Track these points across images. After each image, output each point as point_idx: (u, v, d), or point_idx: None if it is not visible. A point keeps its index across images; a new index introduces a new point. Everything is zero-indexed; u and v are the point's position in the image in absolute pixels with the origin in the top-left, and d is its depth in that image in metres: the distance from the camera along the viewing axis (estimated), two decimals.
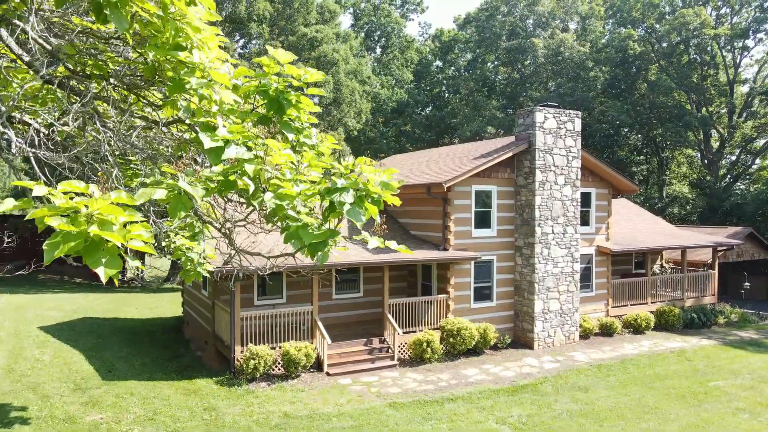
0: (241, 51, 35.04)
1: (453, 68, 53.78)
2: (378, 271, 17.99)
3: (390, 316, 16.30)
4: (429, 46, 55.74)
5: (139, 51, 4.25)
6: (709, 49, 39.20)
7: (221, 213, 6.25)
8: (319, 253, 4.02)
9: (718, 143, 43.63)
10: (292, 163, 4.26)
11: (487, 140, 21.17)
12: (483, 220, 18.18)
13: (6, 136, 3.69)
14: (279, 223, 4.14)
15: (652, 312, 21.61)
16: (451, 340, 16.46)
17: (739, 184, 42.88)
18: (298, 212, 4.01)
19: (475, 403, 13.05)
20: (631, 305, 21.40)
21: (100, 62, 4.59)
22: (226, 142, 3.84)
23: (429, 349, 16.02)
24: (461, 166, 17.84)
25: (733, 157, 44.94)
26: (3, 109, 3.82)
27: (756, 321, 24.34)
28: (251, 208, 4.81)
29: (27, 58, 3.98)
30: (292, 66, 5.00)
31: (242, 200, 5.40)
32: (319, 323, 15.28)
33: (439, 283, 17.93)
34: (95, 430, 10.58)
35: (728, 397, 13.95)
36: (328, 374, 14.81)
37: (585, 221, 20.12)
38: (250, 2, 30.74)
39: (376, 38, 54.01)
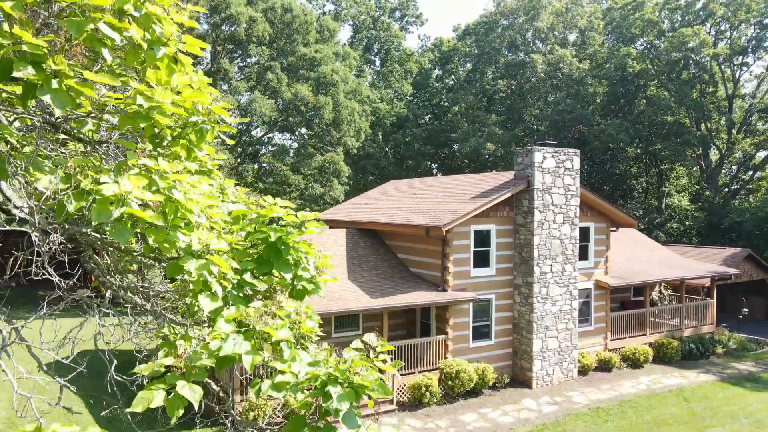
0: (240, 74, 35.03)
1: (453, 78, 53.83)
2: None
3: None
4: (428, 56, 55.75)
5: (138, 231, 4.27)
6: (708, 66, 39.23)
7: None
8: None
9: (717, 157, 43.70)
10: (288, 341, 4.29)
11: (486, 175, 21.20)
12: (482, 259, 18.22)
13: None
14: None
15: (650, 344, 21.69)
16: (449, 382, 16.51)
17: (736, 203, 42.84)
18: (295, 397, 4.06)
19: None
20: (629, 337, 21.47)
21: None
22: (226, 336, 3.88)
23: (428, 393, 16.08)
24: (460, 207, 17.87)
25: (734, 170, 45.04)
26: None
27: (754, 349, 24.41)
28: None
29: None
30: (291, 215, 5.09)
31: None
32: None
33: (437, 322, 17.99)
34: None
35: None
36: None
37: (584, 255, 20.16)
38: (249, 24, 30.74)
39: (376, 51, 54.02)
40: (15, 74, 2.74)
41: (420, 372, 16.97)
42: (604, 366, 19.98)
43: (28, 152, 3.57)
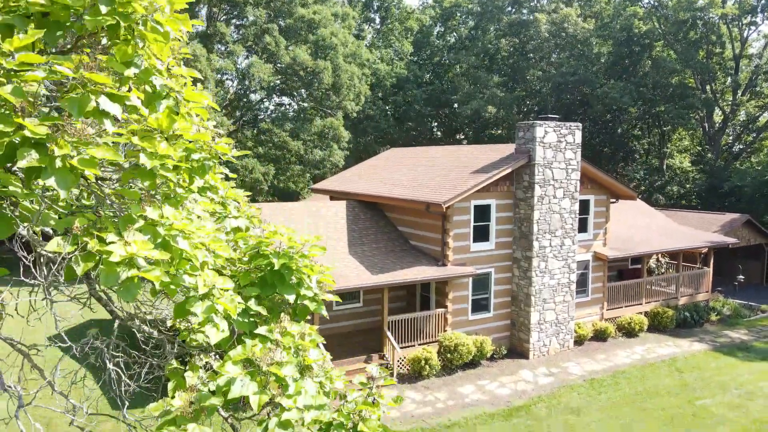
0: (237, 33, 34.27)
1: (454, 35, 52.68)
2: None
3: (389, 334, 16.72)
4: (429, 13, 54.33)
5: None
6: (716, 26, 38.34)
7: None
8: None
9: (721, 118, 43.27)
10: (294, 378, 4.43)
11: (487, 147, 21.06)
12: (481, 234, 18.36)
13: None
14: None
15: (646, 312, 22.11)
16: (448, 355, 16.94)
17: (738, 164, 42.67)
18: None
19: (471, 430, 13.60)
20: (626, 306, 21.86)
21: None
22: (229, 382, 4.02)
23: (427, 366, 16.52)
24: (460, 182, 17.87)
25: (737, 131, 44.69)
26: None
27: (748, 315, 24.86)
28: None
29: None
30: (294, 241, 5.16)
31: None
32: (320, 346, 15.65)
33: (437, 296, 18.29)
34: None
35: (715, 419, 14.51)
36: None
37: (583, 228, 20.31)
38: None
39: (375, 8, 52.65)
40: (20, 164, 2.76)
41: (420, 345, 17.39)
42: (600, 336, 20.43)
43: (33, 208, 3.61)
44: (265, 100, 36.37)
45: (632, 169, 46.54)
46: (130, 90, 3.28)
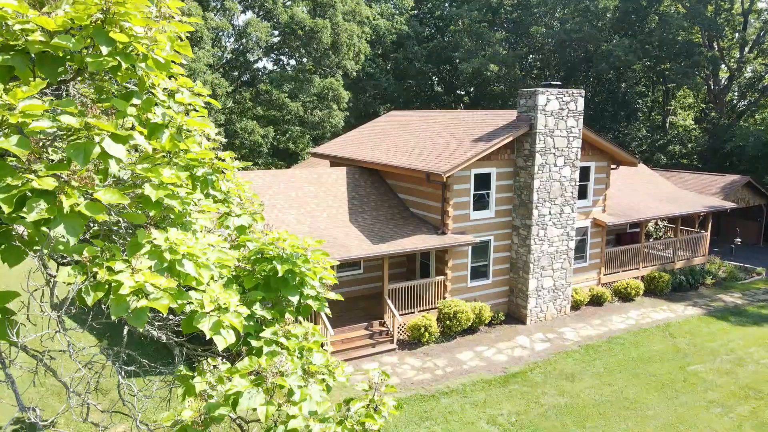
0: None
1: None
2: None
3: (389, 301, 17.05)
4: None
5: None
6: None
7: None
8: None
9: (726, 77, 42.59)
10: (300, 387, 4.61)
11: (488, 113, 20.82)
12: (481, 202, 18.44)
13: None
14: None
15: (642, 277, 22.46)
16: (447, 322, 17.32)
17: (742, 123, 42.25)
18: None
19: (468, 396, 14.08)
20: (623, 271, 22.17)
21: None
22: (237, 395, 4.20)
23: (426, 333, 16.92)
24: (460, 150, 17.81)
25: (742, 87, 44.04)
26: None
27: (743, 278, 25.23)
28: None
29: None
30: (298, 247, 5.28)
31: None
32: (322, 314, 16.03)
33: (437, 263, 18.53)
34: None
35: (705, 385, 14.99)
36: None
37: (583, 195, 20.37)
38: None
39: None
40: (30, 218, 2.81)
41: (419, 311, 17.75)
42: (596, 301, 20.81)
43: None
44: (262, 59, 35.69)
45: (634, 128, 46.13)
46: (133, 128, 3.30)
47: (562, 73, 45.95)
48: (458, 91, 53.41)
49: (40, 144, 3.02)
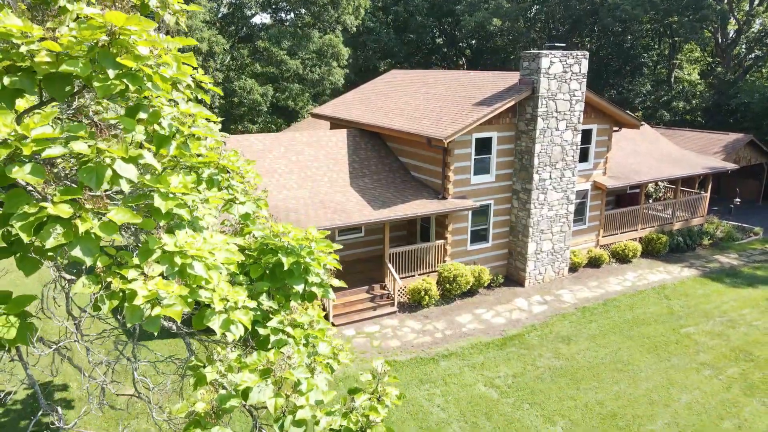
0: None
1: None
2: None
3: (390, 266, 17.32)
4: None
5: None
6: None
7: None
8: None
9: (734, 30, 41.64)
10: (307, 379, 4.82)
11: (489, 74, 20.50)
12: (482, 166, 18.45)
13: None
14: None
15: (640, 239, 22.71)
16: (447, 285, 17.65)
17: (748, 78, 41.60)
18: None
19: (467, 359, 14.53)
20: (621, 233, 22.39)
21: None
22: (247, 390, 4.42)
23: (426, 296, 17.28)
24: (462, 114, 17.68)
25: (750, 39, 43.13)
26: None
27: (740, 239, 25.47)
28: None
29: None
30: (303, 239, 5.42)
31: None
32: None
33: (437, 227, 18.70)
34: None
35: (697, 347, 15.43)
36: (333, 325, 16.20)
37: (584, 157, 20.35)
38: None
39: None
40: (48, 245, 2.91)
41: (420, 275, 18.06)
42: (594, 263, 21.12)
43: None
44: (260, 14, 34.80)
45: (639, 83, 45.44)
46: (142, 146, 3.35)
47: (566, 26, 44.90)
48: (460, 44, 52.29)
49: (53, 168, 3.09)
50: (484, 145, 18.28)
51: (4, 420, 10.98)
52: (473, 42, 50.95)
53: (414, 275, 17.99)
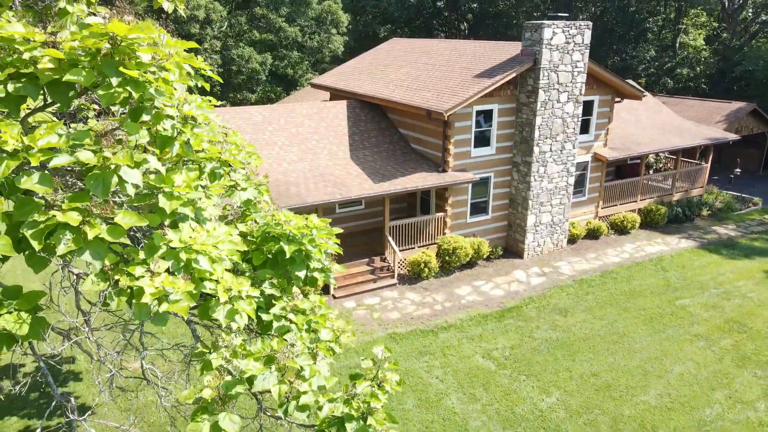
0: None
1: None
2: None
3: (390, 238, 17.47)
4: None
5: None
6: None
7: None
8: None
9: None
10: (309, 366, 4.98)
11: (490, 45, 20.20)
12: (482, 139, 18.40)
13: None
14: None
15: (639, 210, 22.81)
16: (446, 258, 17.84)
17: (754, 44, 40.96)
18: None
19: (466, 331, 14.83)
20: (620, 204, 22.47)
21: None
22: (252, 377, 4.59)
23: (426, 268, 17.49)
24: (462, 86, 17.54)
25: (756, 9, 42.37)
26: None
27: (739, 209, 25.56)
28: None
29: None
30: (304, 227, 5.53)
31: None
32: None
33: (437, 199, 18.78)
34: None
35: (691, 318, 15.71)
36: (334, 297, 16.46)
37: (585, 129, 20.27)
38: None
39: None
40: (59, 252, 3.00)
41: (419, 247, 18.23)
42: (593, 234, 21.27)
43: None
44: None
45: (643, 49, 44.77)
46: (146, 150, 3.40)
47: None
48: (461, 9, 51.28)
49: (61, 176, 3.15)
50: (484, 118, 18.19)
51: (13, 392, 11.29)
52: (475, 6, 49.95)
53: (414, 248, 18.17)
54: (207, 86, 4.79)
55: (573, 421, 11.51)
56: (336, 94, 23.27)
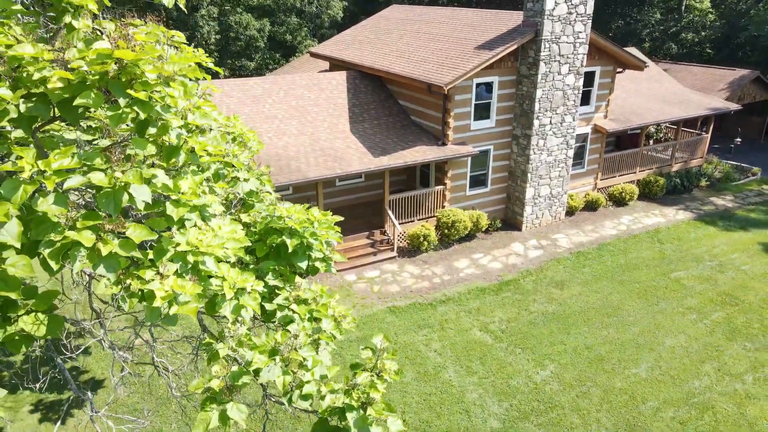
0: None
1: None
2: None
3: (389, 211, 17.65)
4: None
5: None
6: None
7: None
8: None
9: None
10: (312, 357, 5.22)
11: (491, 14, 19.90)
12: (482, 111, 18.36)
13: None
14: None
15: (638, 181, 22.92)
16: (446, 231, 18.05)
17: (761, 7, 40.18)
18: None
19: (464, 305, 15.15)
20: (619, 176, 22.56)
21: None
22: (258, 369, 4.83)
23: (425, 241, 17.72)
24: (462, 58, 17.40)
25: None
26: None
27: (737, 179, 25.67)
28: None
29: None
30: (305, 220, 5.69)
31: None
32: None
33: (437, 172, 18.87)
34: None
35: (685, 291, 16.03)
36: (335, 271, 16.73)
37: (585, 100, 20.19)
38: None
39: None
40: (75, 269, 3.16)
41: (419, 220, 18.42)
42: (591, 206, 21.43)
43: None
44: None
45: (648, 12, 43.97)
46: (153, 165, 3.52)
47: None
48: None
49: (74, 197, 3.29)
50: (484, 90, 18.11)
51: (25, 366, 11.68)
52: None
53: (413, 221, 18.36)
54: (209, 78, 4.88)
55: (566, 393, 11.92)
56: (336, 65, 23.06)
